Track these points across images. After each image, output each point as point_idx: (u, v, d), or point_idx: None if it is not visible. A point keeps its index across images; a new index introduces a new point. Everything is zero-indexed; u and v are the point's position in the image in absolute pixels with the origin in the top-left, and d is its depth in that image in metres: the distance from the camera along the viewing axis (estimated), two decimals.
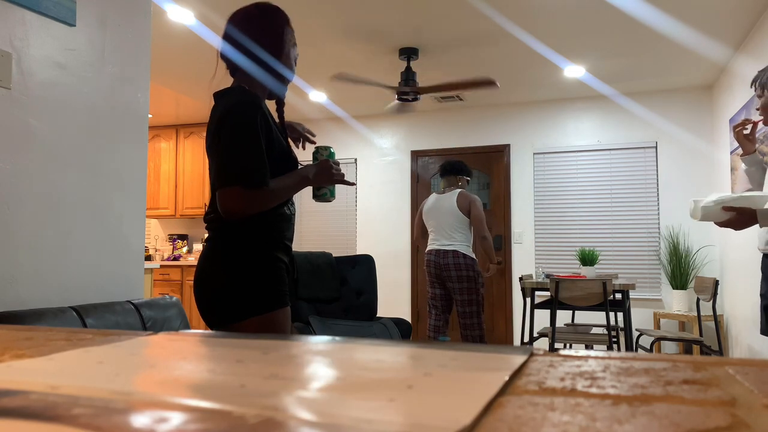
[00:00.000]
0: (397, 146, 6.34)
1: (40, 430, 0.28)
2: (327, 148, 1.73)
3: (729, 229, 2.19)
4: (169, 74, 4.97)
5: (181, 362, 0.45)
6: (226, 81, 1.73)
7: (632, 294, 5.39)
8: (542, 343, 5.49)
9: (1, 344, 0.54)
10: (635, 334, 5.24)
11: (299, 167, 1.68)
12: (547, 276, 4.35)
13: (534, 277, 4.64)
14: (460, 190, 4.27)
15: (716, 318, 3.94)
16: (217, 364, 0.44)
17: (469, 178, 4.36)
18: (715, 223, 2.20)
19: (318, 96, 5.65)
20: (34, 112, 1.93)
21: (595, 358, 0.47)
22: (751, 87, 2.33)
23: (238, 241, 1.54)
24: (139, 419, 0.30)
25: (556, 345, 4.11)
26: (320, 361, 0.46)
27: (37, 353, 0.49)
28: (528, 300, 4.75)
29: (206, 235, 1.75)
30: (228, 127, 1.50)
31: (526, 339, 5.31)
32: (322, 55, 4.52)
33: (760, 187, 2.37)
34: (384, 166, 6.38)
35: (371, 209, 6.39)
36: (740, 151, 2.46)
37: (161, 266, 6.36)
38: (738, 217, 2.12)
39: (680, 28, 3.96)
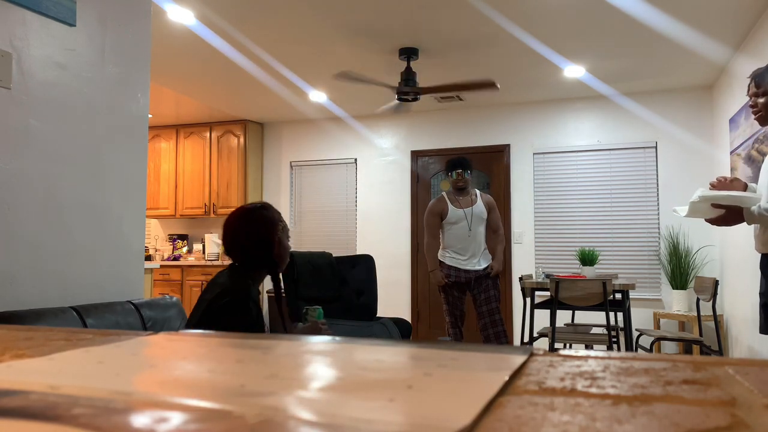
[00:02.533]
0: (397, 146, 6.34)
1: (40, 430, 0.28)
2: (315, 309, 1.94)
3: (722, 226, 2.20)
4: (169, 74, 4.97)
5: (181, 362, 0.45)
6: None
7: (632, 294, 5.38)
8: (542, 343, 5.48)
9: (1, 344, 0.54)
10: (635, 334, 5.24)
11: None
12: (547, 276, 4.35)
13: (534, 277, 4.64)
14: (477, 191, 4.28)
15: (716, 318, 3.94)
16: (217, 364, 0.44)
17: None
18: (705, 219, 2.21)
19: (318, 96, 5.64)
20: (34, 112, 1.93)
21: (595, 358, 0.47)
22: (747, 78, 2.34)
23: None
24: (139, 419, 0.30)
25: (556, 345, 4.11)
26: (320, 361, 0.46)
27: (37, 353, 0.49)
28: (528, 300, 4.74)
29: None
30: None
31: (526, 339, 5.30)
32: (322, 55, 4.52)
33: None
34: (384, 166, 6.38)
35: (371, 209, 6.39)
36: (740, 151, 2.46)
37: (161, 266, 6.37)
38: (726, 214, 2.13)
39: (680, 28, 3.96)
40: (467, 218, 4.14)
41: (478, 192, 4.30)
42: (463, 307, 4.20)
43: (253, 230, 1.85)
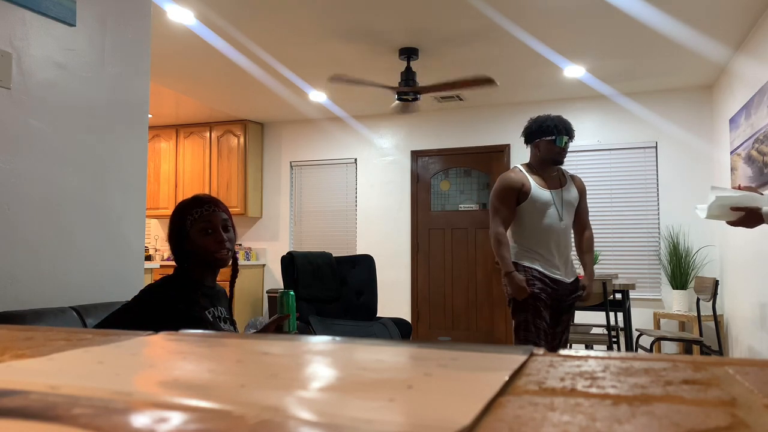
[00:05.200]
0: (397, 146, 6.34)
1: (40, 430, 0.28)
2: (286, 293, 1.87)
3: (741, 227, 2.17)
4: (169, 74, 4.97)
5: (181, 362, 0.45)
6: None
7: (632, 294, 5.38)
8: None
9: (1, 344, 0.54)
10: (635, 334, 5.24)
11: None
12: None
13: None
14: (565, 169, 3.08)
15: (716, 318, 3.94)
16: (217, 364, 0.44)
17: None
18: (727, 222, 2.18)
19: (318, 96, 5.65)
20: (34, 112, 1.93)
21: (595, 358, 0.47)
22: None
23: None
24: (139, 419, 0.30)
25: None
26: (320, 361, 0.46)
27: (37, 353, 0.49)
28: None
29: None
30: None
31: None
32: (321, 55, 4.52)
33: None
34: (384, 166, 6.38)
35: (371, 209, 6.39)
36: (740, 151, 2.45)
37: (161, 266, 6.36)
38: (746, 216, 2.11)
39: (680, 28, 3.96)
40: (556, 205, 2.88)
41: (564, 170, 3.04)
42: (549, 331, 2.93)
43: (169, 231, 1.80)
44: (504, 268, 2.85)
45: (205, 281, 1.78)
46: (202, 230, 1.73)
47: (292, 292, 1.88)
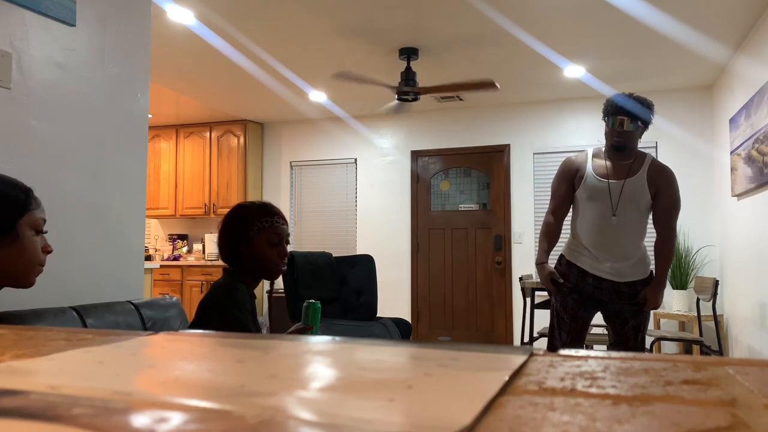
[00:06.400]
0: (397, 146, 6.34)
1: (40, 430, 0.28)
2: (312, 304, 1.85)
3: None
4: (169, 74, 4.97)
5: (181, 362, 0.45)
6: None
7: None
8: (542, 343, 5.48)
9: (1, 344, 0.54)
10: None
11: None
12: None
13: (534, 277, 4.64)
14: (650, 156, 2.71)
15: (716, 318, 3.94)
16: (217, 364, 0.44)
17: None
18: None
19: (318, 96, 5.64)
20: (34, 112, 1.93)
21: (595, 358, 0.46)
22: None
23: None
24: (139, 419, 0.30)
25: None
26: (320, 361, 0.46)
27: (37, 353, 0.49)
28: (528, 300, 4.74)
29: None
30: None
31: (526, 339, 5.31)
32: (322, 55, 4.52)
33: None
34: (384, 166, 6.38)
35: (371, 209, 6.39)
36: (740, 151, 2.42)
37: (161, 266, 6.36)
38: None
39: (680, 28, 3.96)
40: (611, 195, 2.60)
41: (648, 159, 2.68)
42: (586, 333, 2.74)
43: (225, 229, 1.78)
44: (537, 258, 2.82)
45: (251, 287, 1.80)
46: (268, 241, 1.74)
47: (318, 305, 1.85)
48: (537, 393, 0.35)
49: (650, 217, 2.69)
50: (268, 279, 1.78)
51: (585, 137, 5.66)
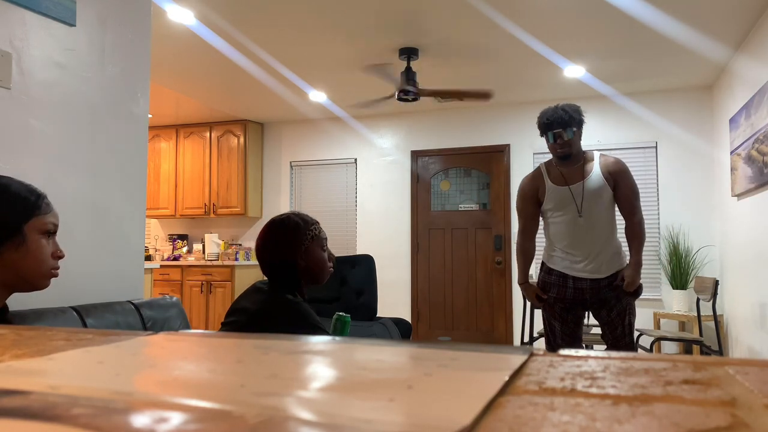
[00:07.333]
0: (397, 146, 6.34)
1: (40, 430, 0.28)
2: (341, 318, 1.87)
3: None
4: (169, 74, 4.97)
5: (181, 362, 0.45)
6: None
7: None
8: (542, 343, 5.48)
9: (1, 344, 0.54)
10: (635, 334, 5.24)
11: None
12: None
13: (534, 277, 4.64)
14: (596, 154, 2.89)
15: (716, 318, 3.94)
16: (217, 364, 0.44)
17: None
18: None
19: (318, 96, 5.65)
20: (34, 112, 1.93)
21: (595, 358, 0.46)
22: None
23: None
24: (139, 419, 0.30)
25: None
26: (320, 361, 0.46)
27: (37, 353, 0.49)
28: (528, 300, 4.74)
29: None
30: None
31: (526, 339, 5.31)
32: (322, 55, 4.52)
33: None
34: (384, 166, 6.38)
35: (371, 209, 6.39)
36: (740, 151, 2.44)
37: (161, 266, 6.36)
38: None
39: (680, 28, 3.96)
40: (575, 199, 2.78)
41: (597, 156, 2.87)
42: (581, 330, 2.93)
43: (278, 243, 1.76)
44: (518, 278, 3.04)
45: (302, 295, 1.83)
46: (321, 247, 1.81)
47: (348, 318, 1.87)
48: (537, 393, 0.35)
49: (616, 209, 2.85)
50: (319, 284, 1.83)
51: (584, 137, 5.66)
